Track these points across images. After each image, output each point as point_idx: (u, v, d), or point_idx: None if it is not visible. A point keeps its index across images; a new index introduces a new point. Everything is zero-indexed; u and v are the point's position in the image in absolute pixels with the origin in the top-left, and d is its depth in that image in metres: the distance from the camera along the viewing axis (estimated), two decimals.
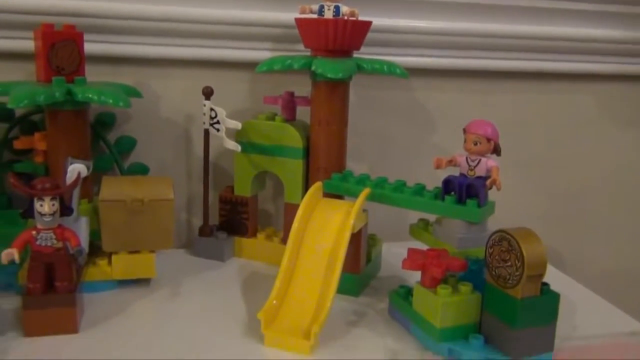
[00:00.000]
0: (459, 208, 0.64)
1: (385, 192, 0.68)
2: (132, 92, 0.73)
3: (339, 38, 0.70)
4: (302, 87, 0.78)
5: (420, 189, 0.68)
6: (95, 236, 0.68)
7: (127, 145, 0.80)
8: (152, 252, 0.68)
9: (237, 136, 0.77)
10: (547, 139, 0.96)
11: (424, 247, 0.62)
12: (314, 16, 0.71)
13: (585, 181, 0.99)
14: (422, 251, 0.61)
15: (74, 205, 0.62)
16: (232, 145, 0.74)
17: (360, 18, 0.71)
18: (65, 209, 0.58)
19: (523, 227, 0.55)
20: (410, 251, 0.61)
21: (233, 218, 0.80)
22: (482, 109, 0.91)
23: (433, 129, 0.91)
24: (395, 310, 0.64)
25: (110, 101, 0.65)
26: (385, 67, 0.72)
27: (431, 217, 0.70)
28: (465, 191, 0.64)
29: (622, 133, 0.99)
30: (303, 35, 0.73)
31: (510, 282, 0.54)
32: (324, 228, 0.63)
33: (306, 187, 0.75)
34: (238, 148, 0.74)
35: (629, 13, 0.91)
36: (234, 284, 0.71)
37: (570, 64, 0.92)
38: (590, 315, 0.67)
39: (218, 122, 0.74)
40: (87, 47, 0.69)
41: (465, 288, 0.57)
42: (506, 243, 0.54)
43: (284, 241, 0.74)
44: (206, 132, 0.76)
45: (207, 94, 0.75)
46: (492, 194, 0.65)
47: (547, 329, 0.56)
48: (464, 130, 0.65)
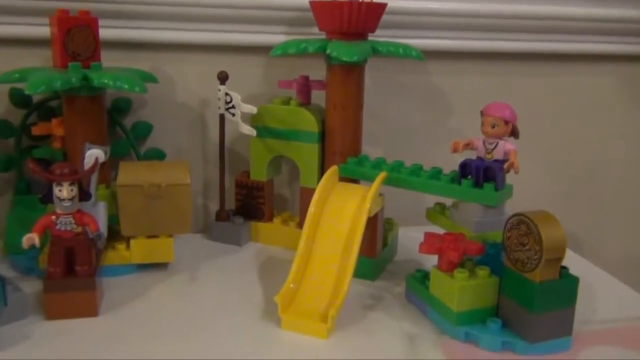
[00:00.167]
0: (476, 191, 0.63)
1: (402, 175, 0.68)
2: (147, 78, 0.73)
3: (353, 20, 0.69)
4: (317, 71, 0.78)
5: (436, 173, 0.67)
6: (113, 221, 0.68)
7: (144, 130, 0.81)
8: (170, 236, 0.69)
9: (253, 121, 0.76)
10: (565, 121, 0.95)
11: (440, 231, 0.62)
12: None
13: (604, 163, 0.98)
14: (439, 235, 0.60)
15: (92, 190, 0.63)
16: (247, 129, 0.74)
17: (375, 0, 0.70)
18: (83, 194, 0.59)
19: (541, 210, 0.55)
20: (427, 235, 0.61)
21: (249, 203, 0.80)
22: (500, 92, 0.89)
23: (450, 112, 0.90)
24: (412, 294, 0.64)
25: (126, 86, 0.65)
26: (401, 50, 0.71)
27: (448, 201, 0.69)
28: (483, 174, 0.63)
29: None
30: (318, 18, 0.73)
31: (529, 265, 0.53)
32: (340, 212, 0.63)
33: (322, 172, 0.75)
34: (253, 132, 0.74)
35: None
36: (251, 268, 0.72)
37: (589, 44, 0.91)
38: (610, 299, 0.67)
39: (233, 107, 0.74)
40: (102, 32, 0.69)
41: (483, 272, 0.57)
42: (524, 226, 0.54)
43: (300, 226, 0.75)
44: (221, 117, 0.76)
45: (222, 78, 0.75)
46: (509, 177, 0.65)
47: (566, 312, 0.55)
48: (482, 113, 0.65)
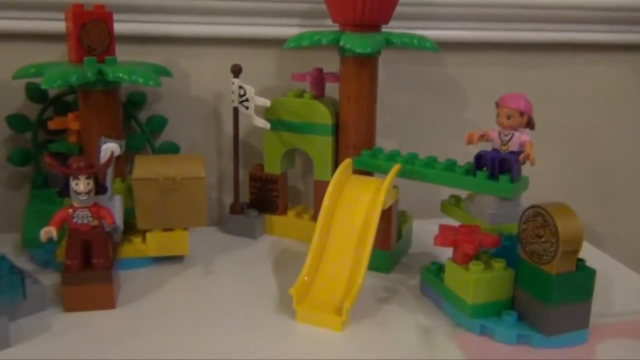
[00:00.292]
0: (491, 184, 0.63)
1: (416, 168, 0.68)
2: (161, 71, 0.73)
3: (367, 11, 0.69)
4: (331, 64, 0.77)
5: (451, 165, 0.67)
6: (129, 214, 0.69)
7: (158, 124, 0.81)
8: (185, 229, 0.69)
9: (266, 114, 0.77)
10: (582, 112, 0.94)
11: (455, 224, 0.62)
12: None
13: (622, 154, 0.97)
14: (453, 227, 0.60)
15: (108, 183, 0.63)
16: (261, 122, 0.74)
17: None
18: (99, 188, 0.60)
19: (558, 202, 0.54)
20: (442, 227, 0.61)
21: (263, 196, 0.80)
22: (515, 83, 0.88)
23: (464, 103, 0.90)
24: (427, 286, 0.64)
25: (141, 80, 0.65)
26: (415, 41, 0.71)
27: (462, 194, 0.69)
28: (498, 166, 0.63)
29: None
30: (331, 10, 0.72)
31: (545, 258, 0.53)
32: (354, 205, 0.63)
33: (336, 164, 0.75)
34: (267, 125, 0.74)
35: None
36: (265, 261, 0.72)
37: (606, 34, 0.89)
38: (627, 292, 0.66)
39: (247, 100, 0.74)
40: (117, 26, 0.69)
41: (498, 264, 0.57)
42: (540, 218, 0.53)
43: (314, 218, 0.75)
44: (235, 110, 0.77)
45: (236, 71, 0.75)
46: (525, 169, 0.64)
47: (583, 305, 0.55)
48: (497, 104, 0.64)
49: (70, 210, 0.58)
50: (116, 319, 0.58)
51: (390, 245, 0.69)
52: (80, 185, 0.57)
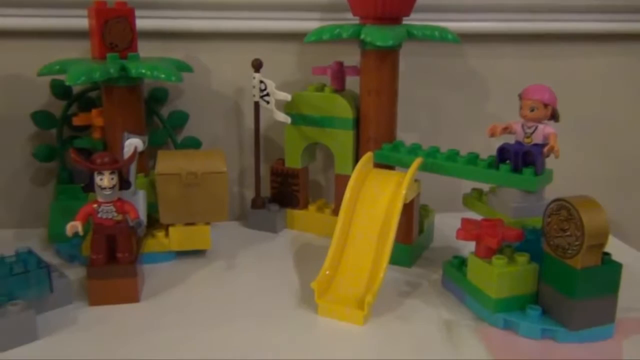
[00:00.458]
0: (514, 177, 0.62)
1: (438, 161, 0.67)
2: (183, 67, 0.73)
3: (388, 4, 0.68)
4: (351, 57, 0.77)
5: (473, 158, 0.66)
6: (152, 209, 0.70)
7: (180, 119, 0.82)
8: (207, 224, 0.70)
9: (287, 108, 0.77)
10: (607, 103, 0.92)
11: (477, 218, 0.61)
12: None
13: None
14: (476, 221, 0.60)
15: (131, 179, 0.64)
16: (282, 117, 0.74)
17: None
18: (123, 183, 0.60)
19: (583, 195, 0.53)
20: (464, 221, 0.60)
21: (284, 190, 0.80)
22: (538, 74, 0.87)
23: (487, 96, 0.89)
24: (449, 281, 0.63)
25: (163, 76, 0.66)
26: (437, 33, 0.70)
27: (485, 187, 0.68)
28: (522, 159, 0.62)
29: None
30: (351, 3, 0.72)
31: (570, 252, 0.52)
32: (375, 199, 0.63)
33: (356, 158, 0.74)
34: (288, 120, 0.74)
35: None
36: (287, 255, 0.72)
37: (632, 24, 0.87)
38: None
39: (268, 95, 0.75)
40: (138, 23, 0.70)
41: (522, 258, 0.56)
42: (565, 212, 0.52)
43: (335, 213, 0.75)
44: (256, 105, 0.77)
45: (257, 66, 0.75)
46: (549, 162, 0.63)
47: (608, 300, 0.54)
48: (520, 96, 0.63)
49: (95, 205, 0.59)
50: (140, 312, 0.59)
51: (412, 239, 0.69)
52: (105, 180, 0.58)
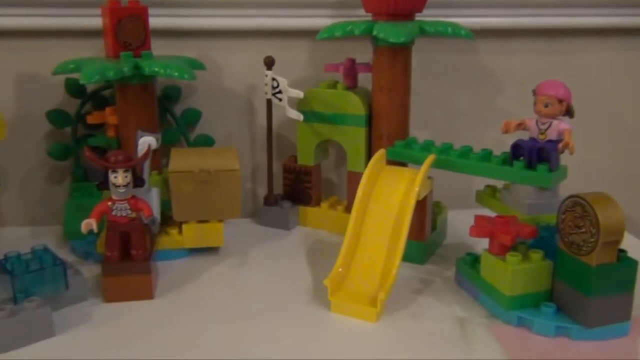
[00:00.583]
0: (529, 173, 0.62)
1: (451, 158, 0.67)
2: (196, 65, 0.74)
3: (400, 0, 0.68)
4: (364, 54, 0.77)
5: (487, 155, 0.66)
6: (166, 206, 0.70)
7: (193, 117, 0.82)
8: (220, 221, 0.70)
9: (299, 105, 0.77)
10: (623, 99, 0.91)
11: (491, 214, 0.61)
12: None
13: None
14: (489, 218, 0.59)
15: (145, 176, 0.65)
16: (294, 114, 0.74)
17: None
18: (137, 180, 0.61)
19: (598, 191, 0.53)
20: (478, 218, 0.60)
21: (297, 187, 0.80)
22: (552, 69, 0.86)
23: (500, 92, 0.88)
24: (463, 278, 0.63)
25: (176, 74, 0.66)
26: (450, 29, 0.70)
27: (498, 184, 0.68)
28: (536, 155, 0.62)
29: None
30: (363, 0, 0.72)
31: (585, 249, 0.52)
32: (388, 196, 0.63)
33: (369, 155, 0.74)
34: (300, 117, 0.75)
35: None
36: (300, 252, 0.72)
37: None
38: None
39: (280, 92, 0.75)
40: (151, 21, 0.70)
41: (536, 255, 0.56)
42: (580, 208, 0.52)
43: (347, 210, 0.75)
44: (269, 102, 0.77)
45: (269, 63, 0.75)
46: (564, 158, 0.63)
47: (624, 297, 0.53)
48: (534, 92, 0.63)
49: (110, 203, 0.60)
50: (154, 309, 0.59)
51: (425, 236, 0.68)
52: (119, 178, 0.59)
